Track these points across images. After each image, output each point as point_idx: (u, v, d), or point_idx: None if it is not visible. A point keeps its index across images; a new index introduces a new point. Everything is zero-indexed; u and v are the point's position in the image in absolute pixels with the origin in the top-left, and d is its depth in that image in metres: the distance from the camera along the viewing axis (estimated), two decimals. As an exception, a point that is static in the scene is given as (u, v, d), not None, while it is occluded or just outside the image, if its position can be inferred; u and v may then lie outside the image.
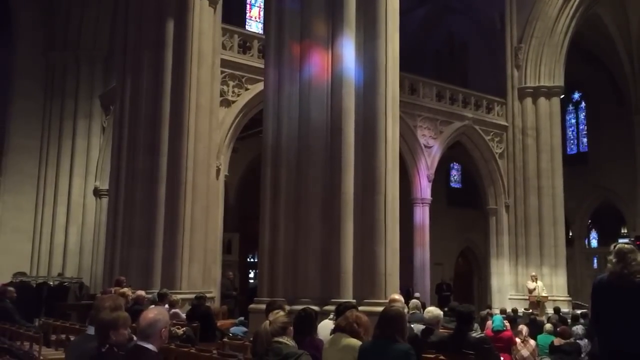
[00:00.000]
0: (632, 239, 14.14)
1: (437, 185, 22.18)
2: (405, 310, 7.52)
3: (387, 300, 7.99)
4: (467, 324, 6.48)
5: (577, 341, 10.10)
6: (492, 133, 21.94)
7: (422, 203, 20.39)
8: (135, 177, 13.51)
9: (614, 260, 5.16)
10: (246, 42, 15.77)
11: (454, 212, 25.72)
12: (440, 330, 6.98)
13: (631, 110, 26.09)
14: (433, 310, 6.95)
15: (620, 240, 19.26)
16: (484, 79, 22.59)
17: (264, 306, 6.98)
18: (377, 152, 9.70)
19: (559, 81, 21.75)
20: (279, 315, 4.20)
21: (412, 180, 20.31)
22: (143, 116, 13.60)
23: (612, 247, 5.15)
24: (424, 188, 20.34)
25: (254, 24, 22.40)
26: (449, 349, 6.26)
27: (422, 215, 20.42)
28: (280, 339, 4.13)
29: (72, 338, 7.44)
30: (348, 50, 9.83)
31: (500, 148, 22.07)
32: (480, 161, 22.19)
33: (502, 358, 8.09)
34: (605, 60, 26.73)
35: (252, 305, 10.04)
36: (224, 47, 15.10)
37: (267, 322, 4.30)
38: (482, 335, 6.67)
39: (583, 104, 29.93)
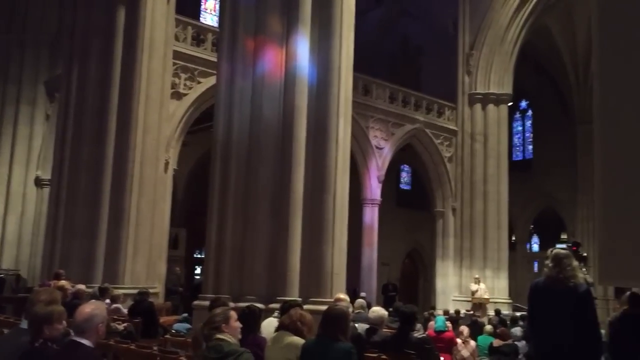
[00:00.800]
0: (569, 245, 14.63)
1: (387, 187, 22.43)
2: (350, 309, 7.58)
3: (332, 299, 8.02)
4: (409, 324, 6.58)
5: (515, 343, 10.39)
6: (442, 137, 22.34)
7: (372, 203, 20.58)
8: (79, 168, 13.12)
9: (550, 264, 5.33)
10: (200, 35, 15.53)
11: (403, 214, 26.07)
12: (384, 330, 7.05)
13: (575, 120, 27.04)
14: (377, 310, 7.01)
15: (558, 246, 19.94)
16: (436, 83, 22.98)
17: (208, 303, 6.90)
18: (328, 152, 9.73)
19: (508, 89, 22.33)
20: (219, 311, 4.14)
21: (362, 180, 20.48)
22: (90, 105, 13.21)
23: (549, 252, 5.32)
24: (374, 189, 20.54)
25: (209, 17, 22.09)
26: (392, 349, 6.33)
27: (371, 215, 20.62)
28: (222, 336, 4.07)
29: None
30: (302, 49, 9.81)
31: (450, 152, 22.50)
32: (430, 164, 22.56)
33: (442, 358, 8.22)
34: (552, 71, 27.63)
35: (196, 302, 9.90)
36: (177, 38, 14.83)
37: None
38: (424, 335, 6.78)
39: (530, 112, 30.85)
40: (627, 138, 5.70)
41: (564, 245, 18.52)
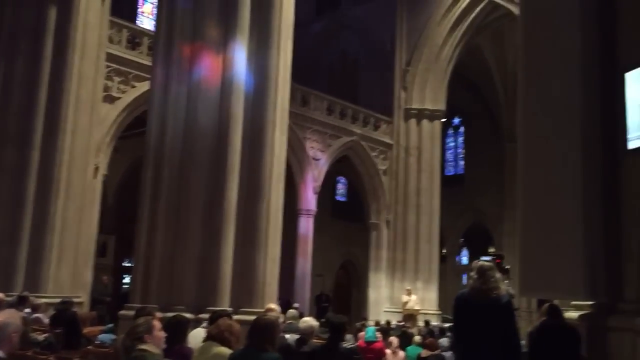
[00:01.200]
0: (493, 257, 15.15)
1: (322, 198, 22.53)
2: (281, 320, 7.53)
3: (263, 310, 7.95)
4: (339, 335, 6.57)
5: (442, 353, 10.59)
6: (377, 150, 22.68)
7: (307, 214, 20.62)
8: (1, 170, 12.51)
9: (475, 276, 5.48)
10: (135, 38, 15.18)
11: (338, 225, 26.23)
12: (314, 341, 7.04)
13: (503, 138, 28.07)
14: (308, 321, 6.99)
15: (482, 258, 20.60)
16: (373, 97, 23.36)
17: (133, 312, 6.69)
18: (263, 161, 9.69)
19: (442, 105, 22.94)
20: (142, 321, 4.02)
21: (298, 191, 20.49)
22: (15, 105, 12.64)
23: (474, 264, 5.48)
24: (309, 199, 20.59)
25: (146, 20, 21.65)
26: (321, 359, 6.32)
27: (306, 226, 20.64)
28: (145, 347, 3.94)
29: None
30: (240, 56, 9.76)
31: (385, 165, 22.86)
32: (366, 176, 22.85)
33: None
34: (483, 89, 28.62)
35: (122, 312, 9.59)
36: (111, 40, 14.43)
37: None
38: (353, 346, 6.81)
39: (462, 129, 31.81)
40: (545, 158, 6.00)
41: (488, 258, 19.10)
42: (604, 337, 5.57)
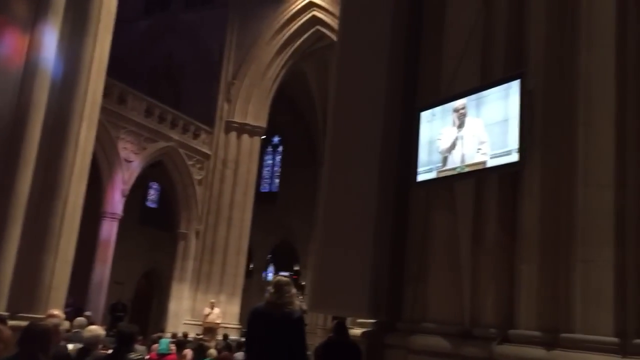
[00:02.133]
0: (290, 273, 15.72)
1: (132, 202, 21.51)
2: (63, 327, 6.97)
3: (44, 315, 7.30)
4: (126, 345, 6.26)
5: (237, 366, 10.63)
6: (195, 159, 22.32)
7: (112, 218, 19.49)
8: None
9: (272, 290, 5.61)
10: None
11: (146, 232, 25.21)
12: (100, 351, 6.62)
13: (318, 161, 29.35)
14: (93, 330, 6.56)
15: (280, 273, 21.23)
16: (196, 105, 22.99)
17: None
18: (64, 155, 8.97)
19: (263, 122, 23.35)
20: None
21: (105, 192, 19.31)
22: None
23: (268, 277, 5.60)
24: (116, 202, 19.50)
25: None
26: (104, 371, 5.97)
27: (109, 230, 19.48)
28: None
29: None
30: (50, 40, 8.98)
31: (201, 175, 22.55)
32: (179, 184, 22.32)
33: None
34: (304, 113, 29.73)
35: None
36: None
37: None
38: (140, 357, 6.51)
39: (281, 148, 32.65)
40: (345, 184, 6.38)
41: (286, 274, 19.71)
42: (381, 353, 5.99)
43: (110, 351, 6.91)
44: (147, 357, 9.85)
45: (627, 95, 4.08)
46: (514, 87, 4.73)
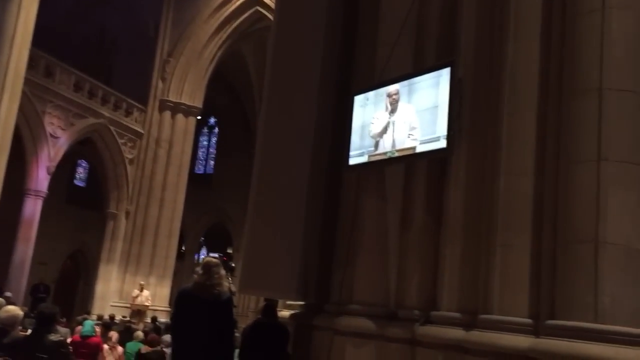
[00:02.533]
0: (220, 255, 15.63)
1: (58, 180, 20.72)
2: (-22, 308, 6.65)
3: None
4: (46, 326, 6.06)
5: (164, 349, 10.48)
6: (126, 137, 21.69)
7: (36, 196, 18.67)
8: None
9: (200, 272, 5.55)
10: None
11: (73, 211, 24.37)
12: (20, 333, 6.39)
13: (255, 144, 29.12)
14: (11, 310, 6.28)
15: (210, 254, 21.09)
16: (129, 82, 22.28)
17: None
18: (-17, 128, 8.51)
19: (199, 103, 22.93)
20: None
21: (29, 169, 18.46)
22: None
23: (200, 259, 5.54)
24: (40, 180, 18.69)
25: None
26: (23, 352, 5.76)
27: (33, 208, 18.67)
28: None
29: None
30: (-31, 5, 8.47)
31: (132, 154, 21.96)
32: (110, 163, 21.66)
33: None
34: (241, 95, 29.39)
35: None
36: None
37: None
38: (60, 338, 6.31)
39: (217, 130, 32.18)
40: (278, 166, 6.36)
41: (215, 255, 19.53)
42: (309, 334, 6.05)
43: (29, 332, 6.67)
44: (70, 339, 9.55)
45: (550, 87, 4.24)
46: (445, 75, 4.83)
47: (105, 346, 9.86)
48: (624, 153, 3.75)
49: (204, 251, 31.35)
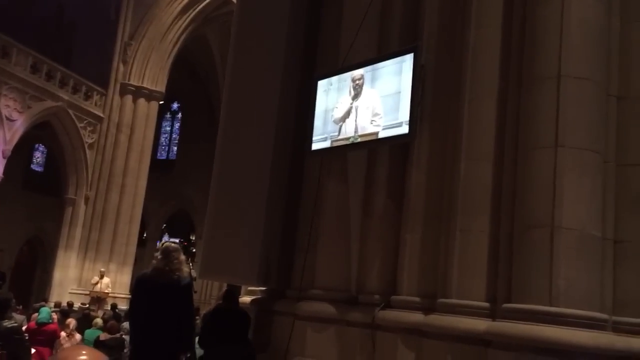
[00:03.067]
0: (181, 240, 15.51)
1: (14, 164, 20.10)
2: None
3: None
4: (0, 312, 5.92)
5: (124, 336, 10.33)
6: (86, 121, 21.17)
7: (-10, 180, 18.13)
8: None
9: (159, 257, 5.45)
10: None
11: (29, 197, 23.74)
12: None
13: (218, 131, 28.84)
14: (-37, 297, 6.12)
15: (170, 240, 20.87)
16: (89, 64, 21.68)
17: None
18: None
19: (161, 87, 22.51)
20: None
21: (-17, 153, 17.89)
22: None
23: (159, 244, 5.44)
24: (-5, 164, 18.14)
25: None
26: (-25, 339, 5.59)
27: (-13, 193, 18.13)
28: None
29: None
30: None
31: (92, 138, 21.47)
32: (68, 148, 21.13)
33: (33, 350, 7.66)
34: (205, 80, 28.97)
35: None
36: None
37: None
38: (14, 324, 6.16)
39: (180, 115, 31.70)
40: (239, 151, 6.29)
41: (175, 240, 19.38)
42: (270, 320, 6.03)
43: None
44: (26, 326, 9.32)
45: (510, 74, 4.28)
46: (408, 60, 4.83)
47: (63, 333, 9.65)
48: (580, 140, 3.82)
49: (166, 238, 30.95)
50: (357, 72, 5.31)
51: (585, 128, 3.85)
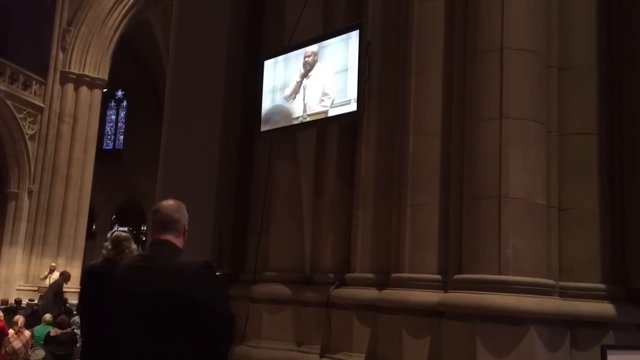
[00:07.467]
0: (130, 229, 15.23)
1: (-50, 159, 19.24)
2: None
3: None
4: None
5: (75, 331, 10.10)
6: (25, 112, 20.35)
7: None
8: None
9: (109, 247, 5.29)
10: None
11: (-32, 192, 22.78)
12: None
13: (165, 117, 28.25)
14: None
15: (119, 229, 20.49)
16: (26, 52, 20.79)
17: None
18: None
19: (104, 74, 21.84)
20: None
21: None
22: None
23: (109, 234, 5.29)
24: None
25: None
26: None
27: None
28: None
29: None
30: None
31: (33, 130, 20.68)
32: (8, 140, 20.29)
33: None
34: (150, 66, 28.27)
35: None
36: None
37: None
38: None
39: (125, 103, 30.89)
40: (186, 134, 6.16)
41: (125, 229, 18.98)
42: (225, 305, 5.96)
43: None
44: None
45: (455, 47, 4.31)
46: (354, 37, 4.80)
47: (11, 331, 9.36)
48: (524, 111, 3.89)
49: (117, 229, 30.33)
50: (304, 50, 5.26)
51: (529, 99, 3.92)
